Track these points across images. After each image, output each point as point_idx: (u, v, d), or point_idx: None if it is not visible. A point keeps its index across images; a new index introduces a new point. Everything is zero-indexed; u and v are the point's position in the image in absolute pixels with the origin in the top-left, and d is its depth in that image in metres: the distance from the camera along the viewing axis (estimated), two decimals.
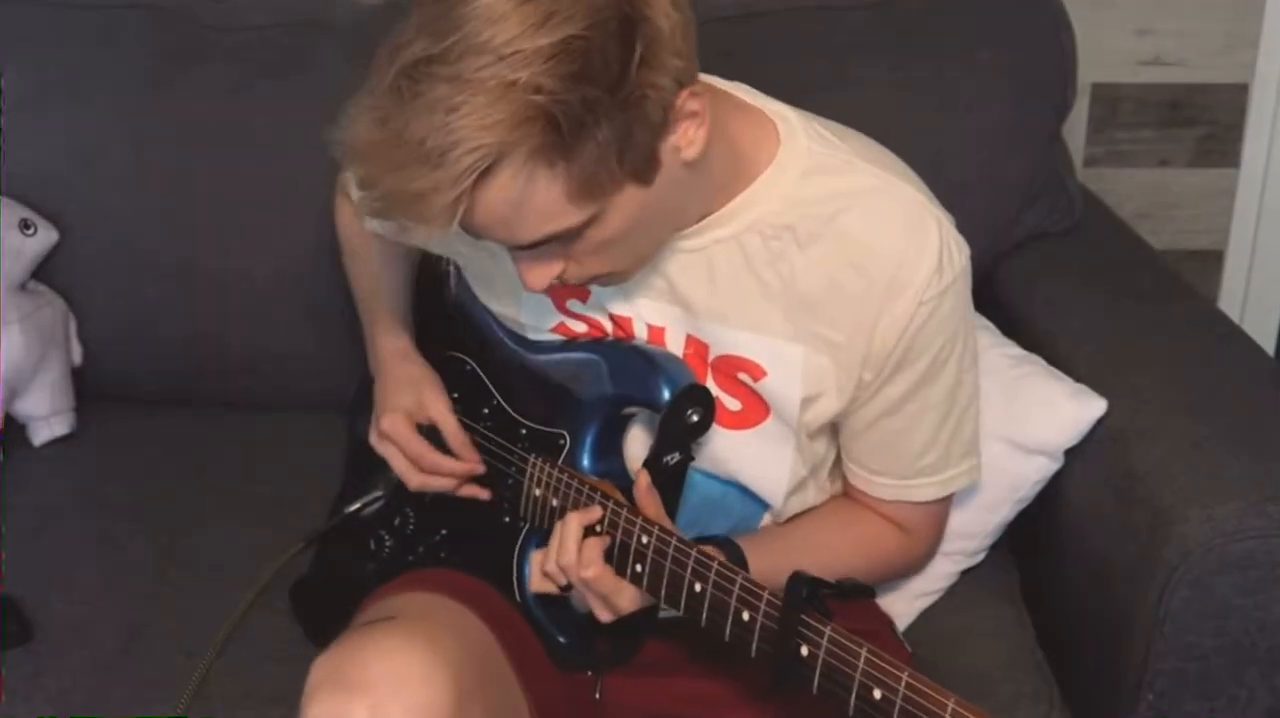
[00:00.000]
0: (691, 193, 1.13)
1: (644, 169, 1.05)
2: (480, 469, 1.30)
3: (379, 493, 1.39)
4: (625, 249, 1.11)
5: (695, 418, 1.18)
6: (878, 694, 0.98)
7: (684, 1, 1.04)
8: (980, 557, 1.46)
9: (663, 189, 1.07)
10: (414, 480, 1.31)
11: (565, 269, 1.10)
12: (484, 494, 1.30)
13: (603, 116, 0.99)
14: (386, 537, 1.38)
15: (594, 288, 1.22)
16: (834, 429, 1.27)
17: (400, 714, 1.04)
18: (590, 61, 0.97)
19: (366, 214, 1.05)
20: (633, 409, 1.25)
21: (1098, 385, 1.41)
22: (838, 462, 1.30)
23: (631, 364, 1.23)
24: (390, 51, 1.00)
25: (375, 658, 1.07)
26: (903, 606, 1.42)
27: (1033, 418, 1.39)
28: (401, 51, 0.99)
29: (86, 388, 1.77)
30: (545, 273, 1.10)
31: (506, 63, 0.96)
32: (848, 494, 1.30)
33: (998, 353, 1.46)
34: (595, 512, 1.17)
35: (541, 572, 1.19)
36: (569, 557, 1.15)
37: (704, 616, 1.10)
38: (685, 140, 1.07)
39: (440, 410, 1.31)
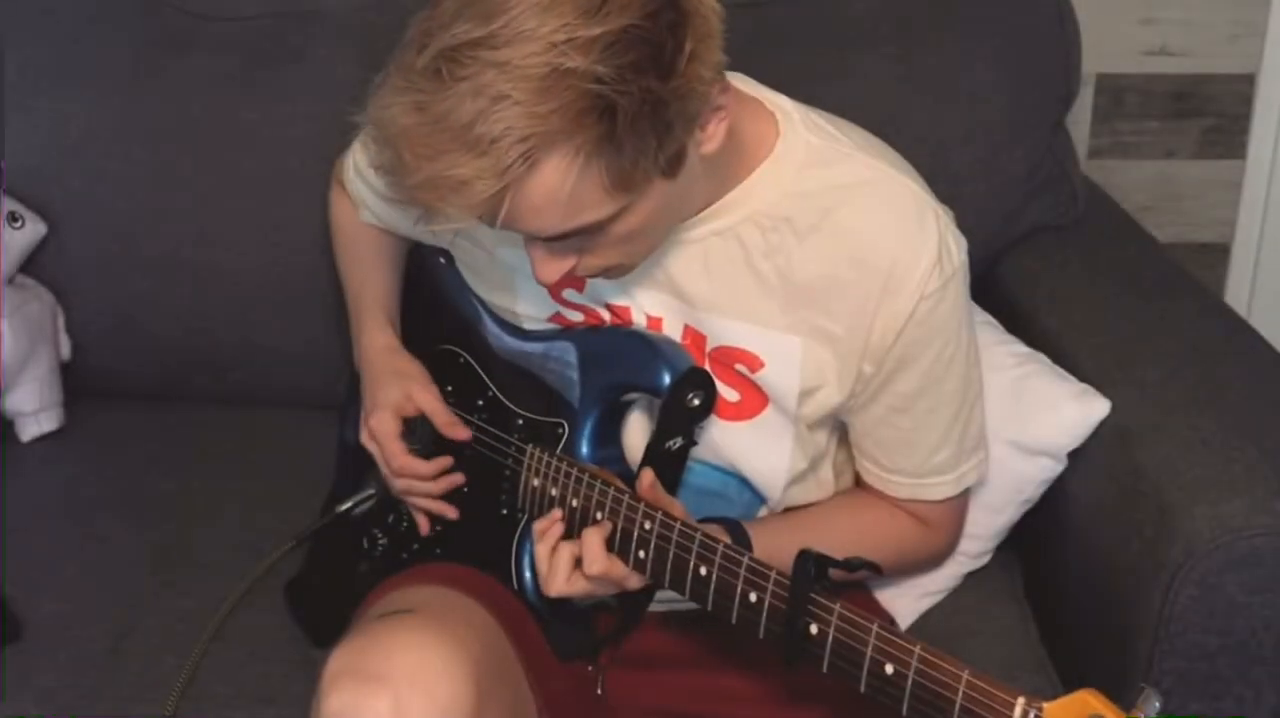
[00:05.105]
0: (700, 185, 1.12)
1: (675, 162, 1.03)
2: (467, 436, 1.28)
3: (371, 491, 1.38)
4: (640, 242, 1.10)
5: (696, 402, 1.18)
6: (890, 670, 0.96)
7: None
8: (985, 559, 1.44)
9: (682, 182, 1.06)
10: (397, 484, 1.30)
11: (578, 262, 1.09)
12: (451, 513, 1.29)
13: (656, 109, 0.97)
14: (380, 535, 1.37)
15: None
16: (836, 423, 1.26)
17: (422, 708, 1.02)
18: (647, 52, 0.96)
19: (396, 200, 1.02)
20: (632, 395, 1.24)
21: (1102, 380, 1.40)
22: (840, 458, 1.29)
23: (630, 349, 1.22)
24: (424, 31, 0.97)
25: (398, 650, 1.05)
26: (906, 605, 1.40)
27: (1037, 419, 1.38)
28: (440, 33, 0.96)
29: (75, 383, 1.76)
30: (560, 266, 1.08)
31: (559, 50, 0.93)
32: (860, 488, 1.29)
33: (1002, 350, 1.45)
34: (563, 541, 1.14)
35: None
36: (558, 582, 1.13)
37: (710, 599, 1.08)
38: (709, 134, 1.06)
39: (428, 399, 1.30)
